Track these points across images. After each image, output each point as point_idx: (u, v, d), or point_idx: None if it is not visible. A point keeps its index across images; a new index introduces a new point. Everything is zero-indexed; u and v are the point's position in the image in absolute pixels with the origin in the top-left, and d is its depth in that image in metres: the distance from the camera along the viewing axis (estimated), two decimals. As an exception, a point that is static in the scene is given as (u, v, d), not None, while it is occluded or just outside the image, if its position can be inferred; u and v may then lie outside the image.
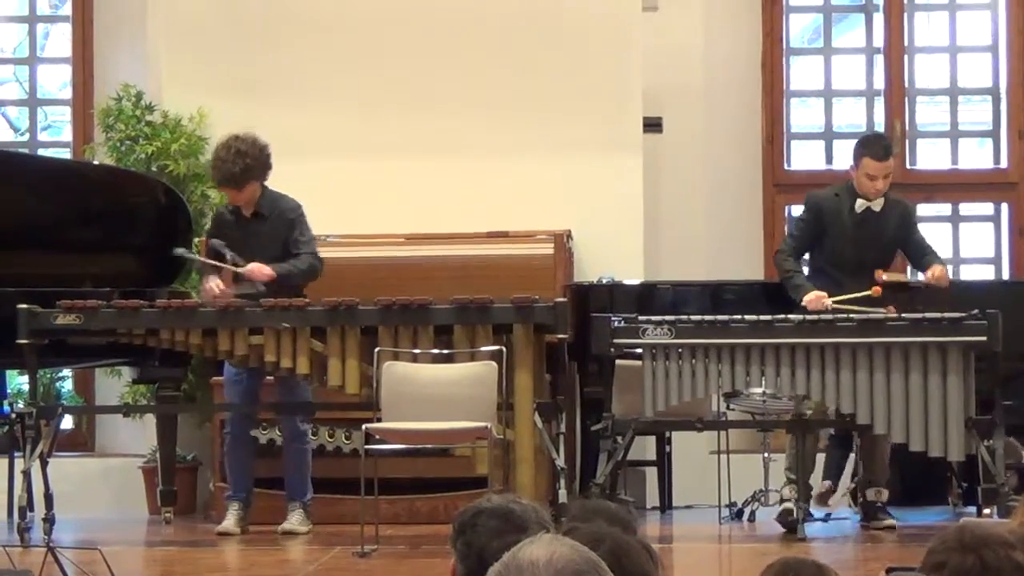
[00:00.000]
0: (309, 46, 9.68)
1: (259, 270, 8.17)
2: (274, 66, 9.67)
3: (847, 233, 8.19)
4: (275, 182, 9.56)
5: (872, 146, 8.29)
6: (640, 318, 7.81)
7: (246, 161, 8.23)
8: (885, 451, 8.06)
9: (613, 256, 9.45)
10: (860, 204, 8.18)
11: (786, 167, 10.50)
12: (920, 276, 8.46)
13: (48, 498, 7.86)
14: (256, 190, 8.34)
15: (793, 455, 8.07)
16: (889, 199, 8.26)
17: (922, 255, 8.37)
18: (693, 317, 7.86)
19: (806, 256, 8.45)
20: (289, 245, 8.34)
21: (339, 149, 8.53)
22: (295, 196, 9.09)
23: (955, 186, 10.45)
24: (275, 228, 8.35)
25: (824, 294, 8.08)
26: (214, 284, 8.25)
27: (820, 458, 8.43)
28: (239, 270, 8.22)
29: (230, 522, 8.17)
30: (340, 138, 8.39)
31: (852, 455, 8.40)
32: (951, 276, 8.32)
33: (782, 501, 8.06)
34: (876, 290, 7.98)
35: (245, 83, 9.69)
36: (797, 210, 10.49)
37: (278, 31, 9.70)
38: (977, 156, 10.65)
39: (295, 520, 8.22)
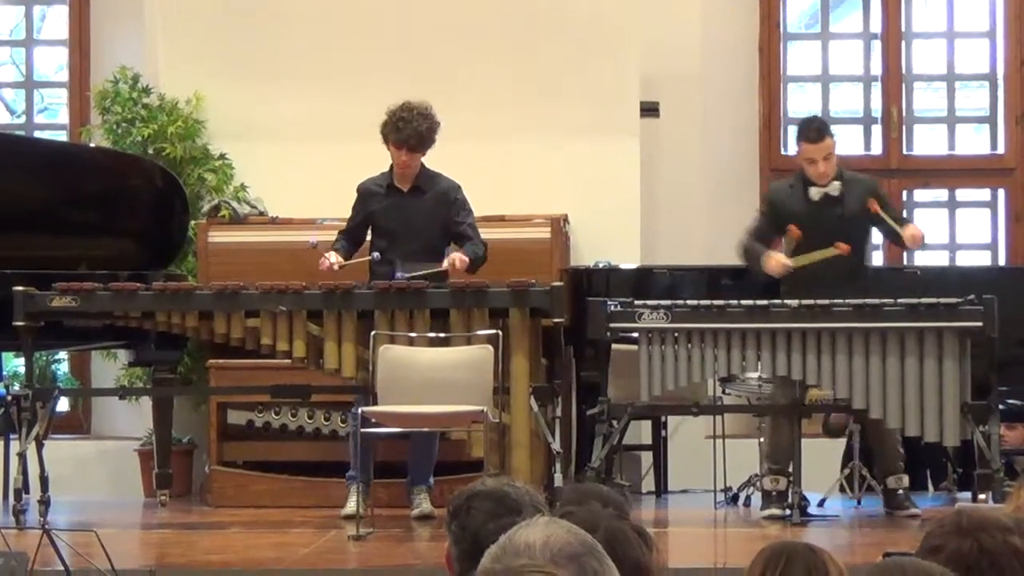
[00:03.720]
0: (306, 29, 9.66)
1: (459, 260, 8.07)
2: (271, 49, 9.65)
3: (803, 221, 8.08)
4: (272, 165, 9.56)
5: (805, 130, 8.11)
6: (636, 302, 7.80)
7: (431, 122, 8.14)
8: (895, 436, 7.99)
9: (610, 240, 9.45)
10: (815, 192, 8.06)
11: (783, 152, 10.47)
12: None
13: (44, 480, 7.85)
14: (420, 160, 8.25)
15: (775, 443, 8.02)
16: (847, 179, 8.08)
17: (894, 231, 8.12)
18: (689, 302, 7.84)
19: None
20: (451, 226, 8.25)
21: (337, 132, 8.51)
22: (292, 179, 9.09)
23: (952, 172, 10.44)
24: (433, 205, 8.25)
25: (781, 256, 7.95)
26: (336, 262, 8.11)
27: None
28: (439, 270, 8.08)
29: (354, 504, 7.90)
30: (337, 121, 8.38)
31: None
32: (948, 263, 8.22)
33: (765, 492, 7.99)
34: (843, 248, 7.81)
35: (242, 66, 9.67)
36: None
37: (275, 14, 9.68)
38: (974, 142, 10.64)
39: (426, 504, 8.09)
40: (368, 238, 8.37)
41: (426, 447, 8.17)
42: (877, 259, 10.16)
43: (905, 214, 9.06)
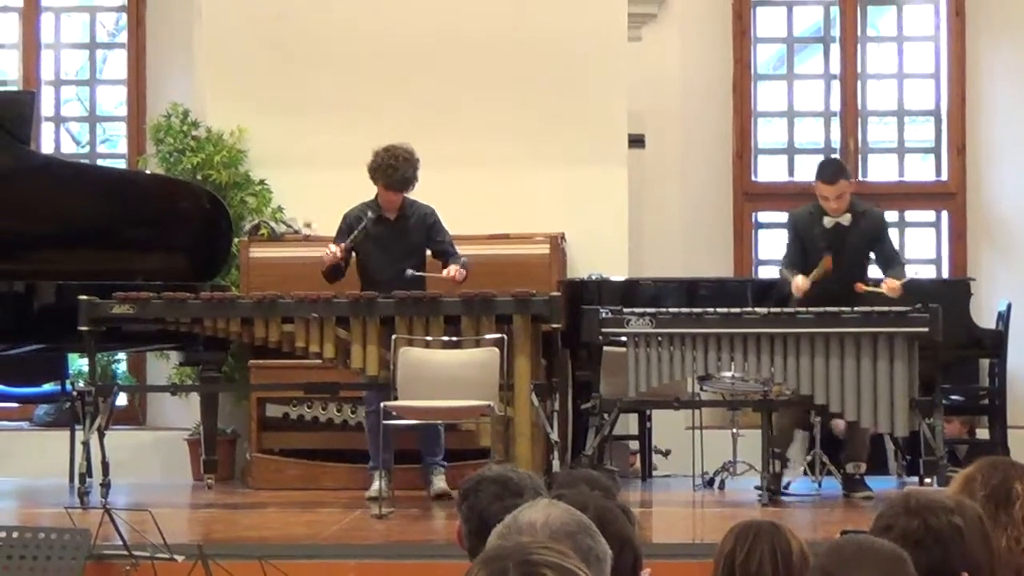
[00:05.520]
0: (335, 70, 9.65)
1: (459, 273, 8.11)
2: (305, 88, 9.65)
3: (819, 244, 8.08)
4: (306, 189, 9.56)
5: (822, 171, 8.17)
6: (625, 310, 7.80)
7: (414, 166, 8.16)
8: (867, 432, 7.99)
9: (601, 256, 9.43)
10: (828, 220, 8.08)
11: (753, 178, 10.50)
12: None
13: (105, 466, 7.86)
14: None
15: (778, 431, 8.02)
16: (857, 212, 8.08)
17: (887, 265, 8.13)
18: (671, 309, 7.84)
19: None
20: (433, 245, 8.29)
21: (361, 160, 8.48)
22: (323, 202, 9.08)
23: (901, 196, 10.43)
24: (415, 228, 8.28)
25: (799, 279, 7.91)
26: (336, 250, 8.14)
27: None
28: (443, 276, 8.12)
29: (378, 487, 7.84)
30: (361, 151, 8.35)
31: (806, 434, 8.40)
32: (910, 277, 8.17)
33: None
34: (827, 262, 7.82)
35: (280, 103, 9.67)
36: (763, 216, 10.54)
37: (309, 58, 9.68)
38: (921, 169, 10.64)
39: (443, 483, 8.06)
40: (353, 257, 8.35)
41: (434, 433, 8.18)
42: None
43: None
